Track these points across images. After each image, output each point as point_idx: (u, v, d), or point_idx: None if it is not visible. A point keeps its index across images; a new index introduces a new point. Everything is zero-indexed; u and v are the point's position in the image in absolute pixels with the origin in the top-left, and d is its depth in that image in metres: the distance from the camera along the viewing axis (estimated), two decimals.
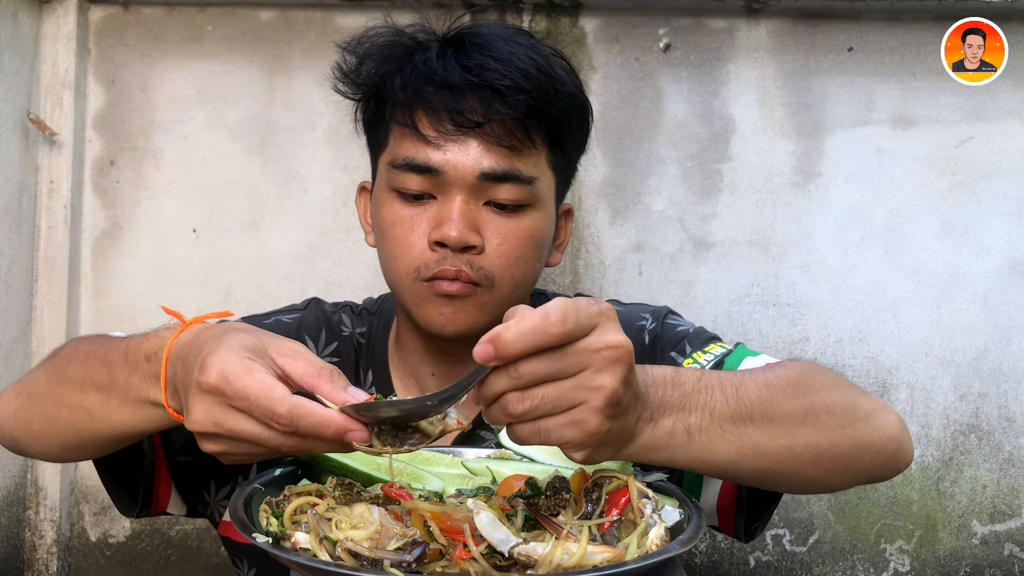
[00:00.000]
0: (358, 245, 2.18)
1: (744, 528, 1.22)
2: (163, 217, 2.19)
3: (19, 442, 1.14)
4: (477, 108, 1.16)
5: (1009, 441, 2.16)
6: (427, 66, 1.19)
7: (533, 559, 0.84)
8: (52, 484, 2.14)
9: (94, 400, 1.02)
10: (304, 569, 0.83)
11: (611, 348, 0.81)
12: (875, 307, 2.16)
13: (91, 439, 1.05)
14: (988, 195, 2.15)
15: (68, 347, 1.13)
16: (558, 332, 0.79)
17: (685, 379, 0.92)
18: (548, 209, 1.25)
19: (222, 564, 2.16)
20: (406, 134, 1.20)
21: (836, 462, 1.01)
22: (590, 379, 0.81)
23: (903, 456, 1.08)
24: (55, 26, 2.13)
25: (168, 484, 1.24)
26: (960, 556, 2.16)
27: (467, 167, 1.17)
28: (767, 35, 2.16)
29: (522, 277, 1.22)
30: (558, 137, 1.23)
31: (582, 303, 0.81)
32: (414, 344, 1.31)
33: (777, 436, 0.95)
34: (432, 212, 1.19)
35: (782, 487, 1.08)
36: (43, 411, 1.08)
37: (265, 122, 2.19)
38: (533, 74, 1.17)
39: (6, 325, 2.06)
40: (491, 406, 0.83)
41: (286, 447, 0.86)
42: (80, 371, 1.05)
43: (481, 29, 1.23)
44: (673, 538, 0.89)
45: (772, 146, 2.16)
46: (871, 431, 1.03)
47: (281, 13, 2.18)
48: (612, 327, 0.82)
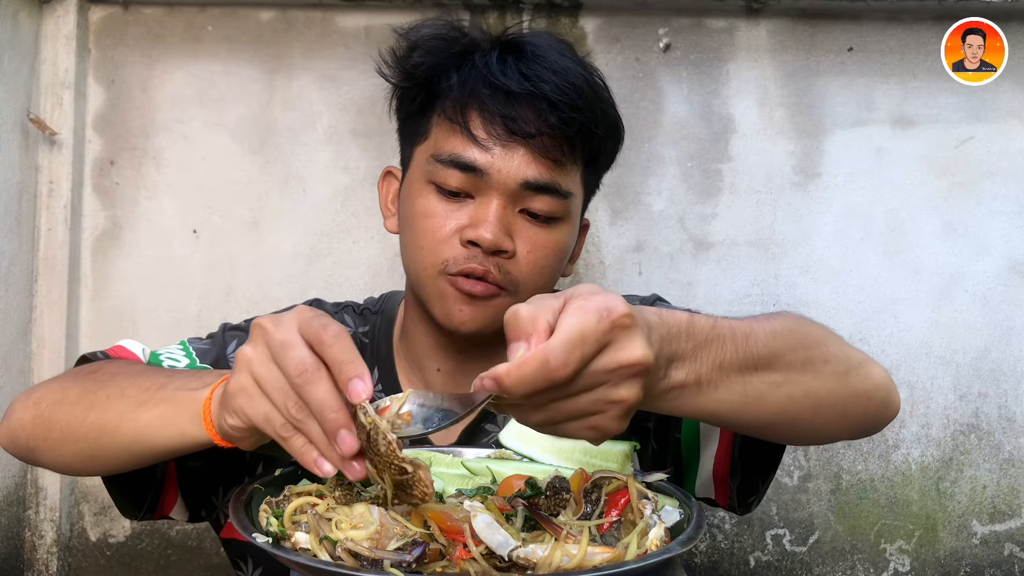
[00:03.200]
0: (358, 245, 2.18)
1: (738, 498, 1.24)
2: (163, 217, 2.19)
3: (34, 450, 1.13)
4: (531, 118, 1.17)
5: (1009, 441, 2.16)
6: (487, 68, 1.19)
7: (532, 562, 0.84)
8: (52, 484, 2.14)
9: (133, 399, 1.02)
10: (304, 569, 0.83)
11: (626, 367, 0.80)
12: (875, 307, 2.16)
13: (108, 445, 1.05)
14: (988, 195, 2.15)
15: (112, 365, 1.13)
16: (560, 377, 0.78)
17: (699, 328, 0.90)
18: (575, 223, 1.27)
19: (222, 564, 2.16)
20: (455, 131, 1.20)
21: (833, 410, 1.03)
22: (607, 394, 0.80)
23: (891, 405, 1.11)
24: (55, 26, 2.14)
25: (175, 489, 1.23)
26: (960, 556, 2.16)
27: (511, 174, 1.18)
28: (767, 35, 2.16)
29: (544, 286, 1.24)
30: (595, 156, 1.25)
31: (589, 326, 0.79)
32: (422, 339, 1.30)
33: (780, 384, 0.96)
34: (468, 211, 1.20)
35: (782, 436, 1.09)
36: (68, 416, 1.07)
37: (265, 122, 2.19)
38: (585, 91, 1.19)
39: (6, 325, 2.06)
40: (503, 406, 0.83)
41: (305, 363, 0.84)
42: (130, 379, 1.05)
43: (536, 39, 1.25)
44: (673, 538, 0.89)
45: (772, 146, 2.16)
46: (863, 379, 1.06)
47: (281, 13, 2.18)
48: (626, 341, 0.80)
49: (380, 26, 2.17)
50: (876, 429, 1.14)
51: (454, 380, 1.29)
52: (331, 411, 0.83)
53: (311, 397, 0.83)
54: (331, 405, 0.83)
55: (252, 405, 0.87)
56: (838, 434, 1.12)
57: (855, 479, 2.17)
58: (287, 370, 0.84)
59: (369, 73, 2.18)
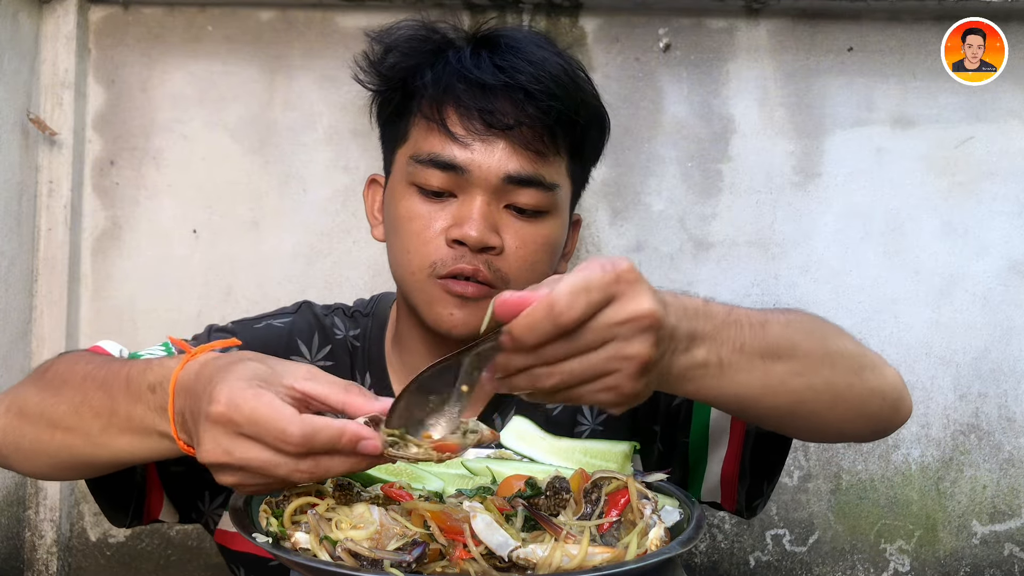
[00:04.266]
0: (358, 245, 2.18)
1: (745, 502, 1.23)
2: (163, 217, 2.19)
3: (7, 459, 1.11)
4: (508, 110, 1.15)
5: (1009, 441, 2.16)
6: (461, 63, 1.17)
7: (532, 562, 0.84)
8: (52, 484, 2.14)
9: (93, 426, 0.99)
10: (304, 569, 0.83)
11: (635, 319, 0.80)
12: (875, 307, 2.16)
13: (87, 463, 1.03)
14: (988, 195, 2.15)
15: (60, 365, 1.09)
16: (567, 321, 0.78)
17: (715, 311, 0.91)
18: (563, 217, 1.25)
19: (222, 564, 2.16)
20: (432, 129, 1.18)
21: (850, 404, 1.03)
22: (620, 349, 0.80)
23: (904, 407, 1.11)
24: (55, 26, 2.14)
25: (160, 493, 1.22)
26: (960, 556, 2.16)
27: (492, 168, 1.16)
28: (767, 35, 2.16)
29: (535, 283, 1.22)
30: (579, 146, 1.23)
31: (594, 276, 0.79)
32: (415, 343, 1.28)
33: (799, 373, 0.96)
34: (452, 210, 1.18)
35: (799, 428, 1.09)
36: (35, 432, 1.05)
37: (265, 122, 2.19)
38: (563, 80, 1.17)
39: (6, 325, 2.06)
40: (517, 377, 0.82)
41: (300, 472, 0.84)
42: (76, 395, 1.01)
43: (512, 32, 1.24)
44: (673, 538, 0.89)
45: (772, 146, 2.16)
46: (879, 378, 1.06)
47: (281, 13, 2.18)
48: (632, 293, 0.81)
49: (380, 26, 2.17)
50: (888, 431, 1.13)
51: None
52: (343, 437, 0.83)
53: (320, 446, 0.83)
54: (338, 435, 0.83)
55: (258, 486, 0.87)
56: (852, 431, 1.12)
57: (855, 479, 2.17)
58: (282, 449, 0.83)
59: None
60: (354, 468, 0.86)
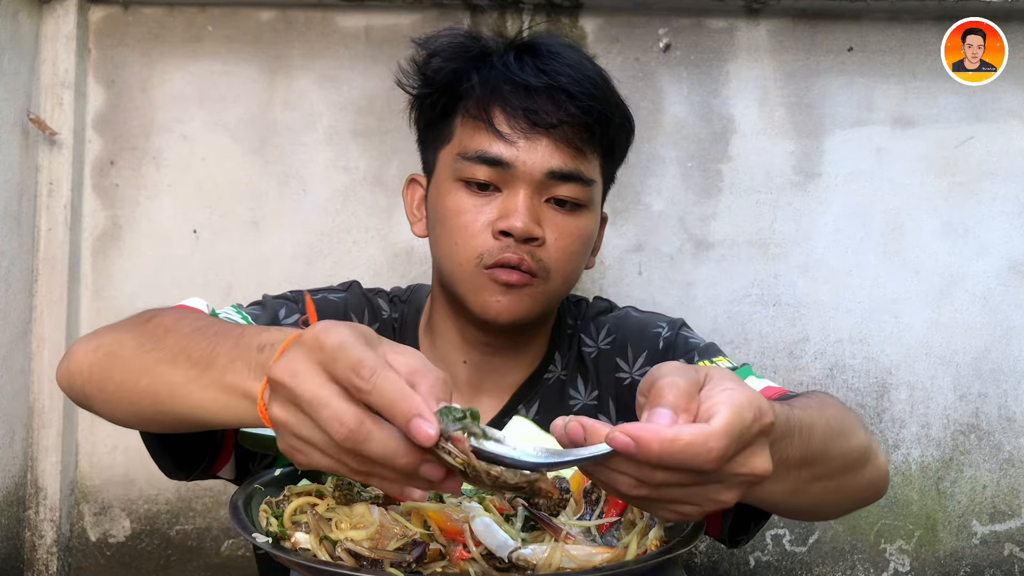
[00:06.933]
0: (358, 245, 2.18)
1: (728, 535, 1.23)
2: (163, 217, 2.19)
3: (90, 399, 1.09)
4: (551, 109, 1.23)
5: (1009, 441, 2.16)
6: (506, 67, 1.26)
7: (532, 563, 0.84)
8: (52, 484, 2.14)
9: (183, 376, 0.94)
10: (304, 569, 0.83)
11: (751, 476, 0.79)
12: (875, 307, 2.16)
13: (164, 413, 0.99)
14: (988, 195, 2.15)
15: (166, 318, 1.05)
16: (710, 466, 0.75)
17: (779, 423, 0.86)
18: (597, 213, 1.33)
19: (222, 564, 2.16)
20: (480, 128, 1.25)
21: (849, 498, 1.10)
22: (717, 492, 0.79)
23: (884, 490, 1.16)
24: (55, 26, 2.13)
25: (230, 452, 1.24)
26: (960, 556, 2.16)
27: (536, 164, 1.23)
28: (767, 35, 2.16)
29: (572, 274, 1.30)
30: (611, 145, 1.32)
31: (747, 424, 0.76)
32: (449, 332, 1.35)
33: (821, 477, 0.99)
34: (497, 204, 1.25)
35: (797, 516, 1.13)
36: (123, 375, 1.02)
37: (265, 122, 2.19)
38: (600, 83, 1.28)
39: (6, 325, 2.06)
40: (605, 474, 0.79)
41: (347, 425, 0.75)
42: (178, 344, 0.97)
43: (548, 39, 1.33)
44: (673, 538, 0.89)
45: (772, 146, 2.16)
46: (875, 470, 1.10)
47: (281, 13, 2.18)
48: (759, 449, 0.79)
49: (380, 26, 2.18)
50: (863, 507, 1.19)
51: (479, 372, 1.34)
52: (398, 458, 0.75)
53: (370, 455, 0.75)
54: (394, 454, 0.75)
55: (311, 461, 0.80)
56: (838, 514, 1.17)
57: None
58: (330, 435, 0.76)
59: (369, 73, 2.19)
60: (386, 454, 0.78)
